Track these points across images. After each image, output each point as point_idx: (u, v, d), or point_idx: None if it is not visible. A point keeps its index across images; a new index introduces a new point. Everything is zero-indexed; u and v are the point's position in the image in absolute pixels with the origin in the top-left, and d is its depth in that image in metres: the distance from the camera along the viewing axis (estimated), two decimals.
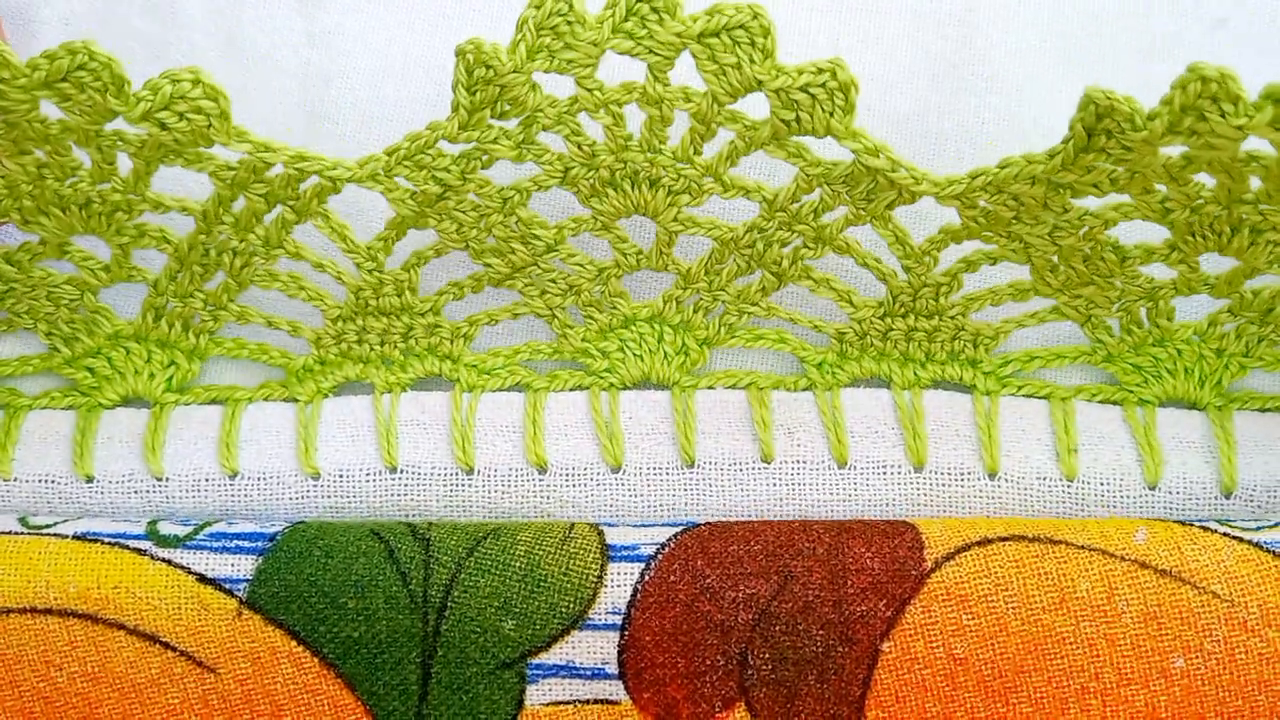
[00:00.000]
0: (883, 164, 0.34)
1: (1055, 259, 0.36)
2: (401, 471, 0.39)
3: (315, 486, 0.39)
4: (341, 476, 0.39)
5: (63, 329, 0.40)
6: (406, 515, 0.39)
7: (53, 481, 0.39)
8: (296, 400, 0.40)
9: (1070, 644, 0.34)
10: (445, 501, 0.39)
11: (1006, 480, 0.38)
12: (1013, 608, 0.34)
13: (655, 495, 0.39)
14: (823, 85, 0.32)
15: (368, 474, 0.39)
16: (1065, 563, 0.35)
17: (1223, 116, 0.29)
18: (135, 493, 0.39)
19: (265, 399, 0.40)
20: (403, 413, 0.40)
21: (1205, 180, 0.33)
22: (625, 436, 0.39)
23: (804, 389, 0.40)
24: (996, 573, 0.35)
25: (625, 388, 0.40)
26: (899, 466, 0.38)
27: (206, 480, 0.39)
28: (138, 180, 0.36)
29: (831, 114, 0.33)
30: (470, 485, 0.39)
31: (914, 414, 0.39)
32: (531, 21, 0.32)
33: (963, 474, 0.38)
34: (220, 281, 0.39)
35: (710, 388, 0.40)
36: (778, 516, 0.38)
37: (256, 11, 0.45)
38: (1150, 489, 0.38)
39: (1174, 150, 0.31)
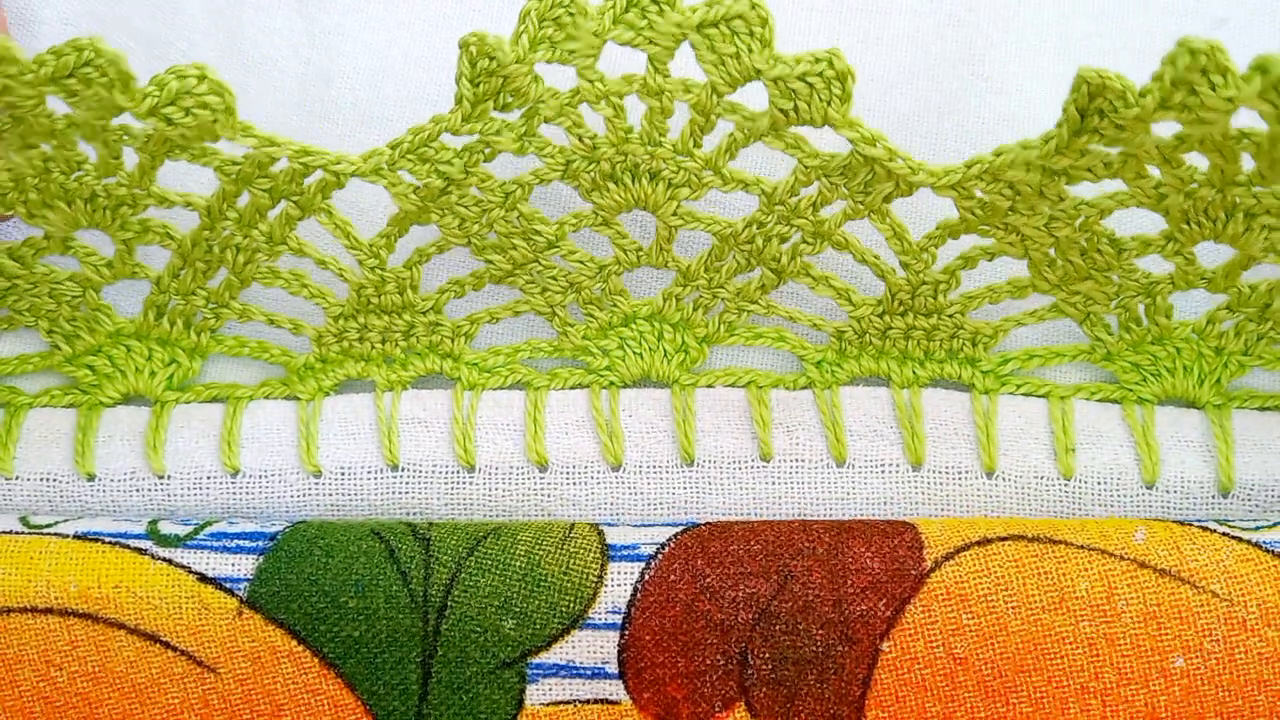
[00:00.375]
0: (880, 153, 0.34)
1: (1052, 252, 0.36)
2: (403, 469, 0.39)
3: (317, 484, 0.39)
4: (343, 474, 0.39)
5: (63, 326, 0.40)
6: (408, 513, 0.39)
7: (54, 480, 0.39)
8: (298, 398, 0.40)
9: (1070, 644, 0.34)
10: (446, 499, 0.39)
11: (1004, 479, 0.38)
12: (1012, 607, 0.34)
13: (655, 493, 0.39)
14: (820, 74, 0.33)
15: (369, 472, 0.39)
16: (1065, 562, 0.35)
17: (1213, 89, 0.29)
18: (137, 491, 0.39)
19: (266, 397, 0.40)
20: (404, 410, 0.40)
21: (1199, 165, 0.33)
22: (625, 434, 0.39)
23: (803, 387, 0.40)
24: (996, 572, 0.35)
25: (625, 386, 0.40)
26: (897, 465, 0.38)
27: (208, 478, 0.39)
28: (143, 175, 0.36)
29: (829, 103, 0.33)
30: (471, 483, 0.39)
31: (913, 413, 0.39)
32: (534, 13, 0.33)
33: (961, 473, 0.38)
34: (223, 279, 0.39)
35: (710, 386, 0.40)
36: (776, 515, 0.38)
37: (257, 12, 0.45)
38: (1148, 488, 0.38)
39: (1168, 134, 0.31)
